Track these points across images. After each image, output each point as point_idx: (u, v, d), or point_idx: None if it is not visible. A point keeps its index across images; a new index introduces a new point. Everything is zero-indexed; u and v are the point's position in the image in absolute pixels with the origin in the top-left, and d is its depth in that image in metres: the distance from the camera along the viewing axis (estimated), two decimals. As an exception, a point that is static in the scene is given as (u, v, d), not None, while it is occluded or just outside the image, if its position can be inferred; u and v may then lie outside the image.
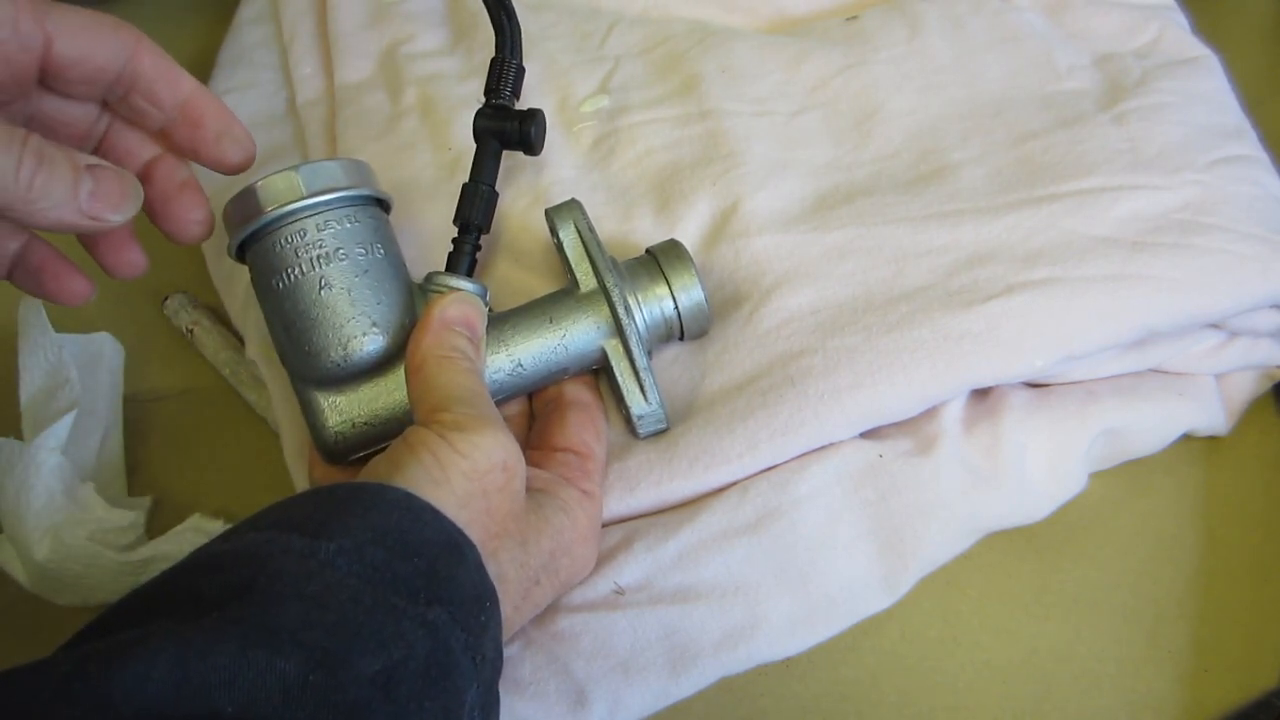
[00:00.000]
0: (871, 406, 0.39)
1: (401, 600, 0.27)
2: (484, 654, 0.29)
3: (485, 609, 0.30)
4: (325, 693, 0.24)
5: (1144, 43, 0.51)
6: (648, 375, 0.39)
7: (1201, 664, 0.39)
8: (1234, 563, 0.42)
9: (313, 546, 0.27)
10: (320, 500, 0.29)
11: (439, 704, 0.26)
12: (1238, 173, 0.44)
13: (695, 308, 0.40)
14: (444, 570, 0.29)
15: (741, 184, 0.45)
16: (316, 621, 0.25)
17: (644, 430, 0.40)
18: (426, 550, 0.29)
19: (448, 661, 0.27)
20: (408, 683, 0.26)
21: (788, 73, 0.50)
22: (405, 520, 0.29)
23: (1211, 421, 0.45)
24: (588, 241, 0.40)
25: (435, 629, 0.27)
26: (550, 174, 0.47)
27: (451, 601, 0.28)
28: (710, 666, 0.37)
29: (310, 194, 0.36)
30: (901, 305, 0.41)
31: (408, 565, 0.28)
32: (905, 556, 0.39)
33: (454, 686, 0.27)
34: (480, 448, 0.32)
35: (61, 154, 0.32)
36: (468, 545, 0.30)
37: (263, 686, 0.23)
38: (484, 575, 0.30)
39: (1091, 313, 0.40)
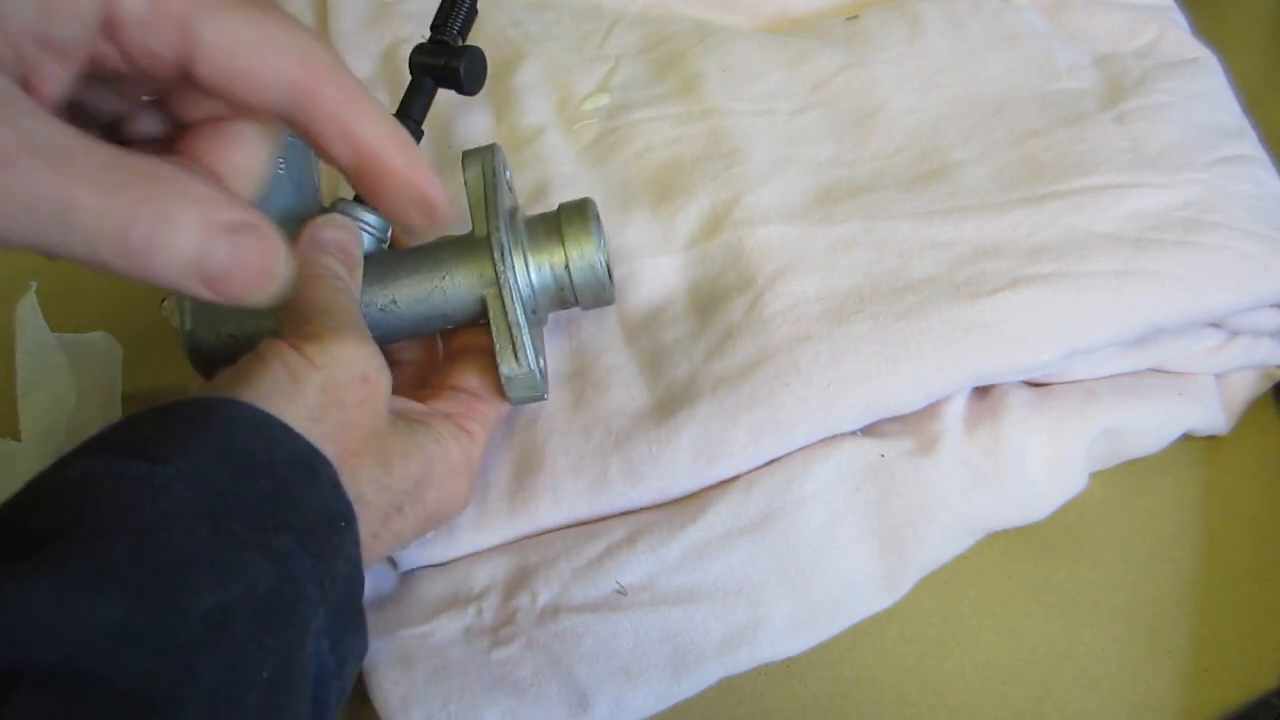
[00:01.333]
0: (877, 397, 0.39)
1: (243, 529, 0.25)
2: (334, 576, 0.27)
3: (340, 530, 0.28)
4: (151, 635, 0.23)
5: (1144, 43, 0.51)
6: (521, 333, 0.36)
7: (1201, 664, 0.39)
8: (1234, 563, 0.42)
9: (149, 471, 0.25)
10: (160, 419, 0.27)
11: (280, 637, 0.25)
12: (1238, 172, 0.44)
13: (588, 271, 0.38)
14: (294, 492, 0.27)
15: (743, 179, 0.45)
16: (146, 558, 0.24)
17: (513, 394, 0.37)
18: (276, 471, 0.27)
19: (292, 591, 0.26)
20: (245, 619, 0.24)
21: (788, 72, 0.50)
22: (253, 439, 0.27)
23: (1212, 421, 0.45)
24: (488, 185, 0.37)
25: (280, 558, 0.25)
26: (551, 169, 0.47)
27: (300, 527, 0.27)
28: (712, 667, 0.37)
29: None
30: (909, 295, 0.41)
31: (254, 488, 0.26)
32: (906, 556, 0.39)
33: (298, 617, 0.26)
34: (337, 358, 0.30)
35: (191, 214, 0.24)
36: (322, 463, 0.28)
37: (85, 633, 0.22)
38: (339, 493, 0.29)
39: (1097, 307, 0.40)
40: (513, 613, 0.37)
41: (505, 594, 0.38)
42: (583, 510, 0.39)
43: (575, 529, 0.40)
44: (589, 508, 0.39)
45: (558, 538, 0.39)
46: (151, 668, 0.22)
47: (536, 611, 0.37)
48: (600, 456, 0.40)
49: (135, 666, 0.22)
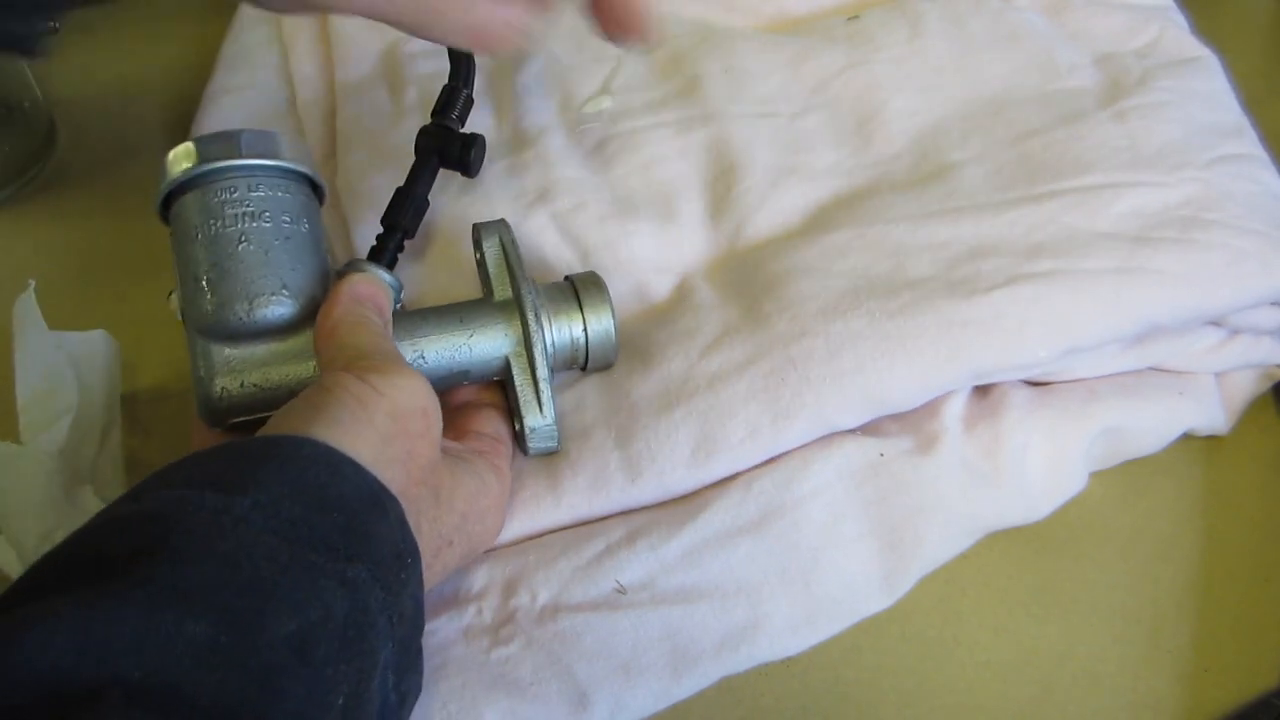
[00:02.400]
0: (874, 392, 0.39)
1: (319, 557, 0.26)
2: (401, 612, 0.28)
3: (406, 565, 0.29)
4: (237, 655, 0.23)
5: (1144, 43, 0.51)
6: (547, 389, 0.40)
7: (1201, 664, 0.39)
8: (1234, 563, 0.42)
9: (227, 503, 0.26)
10: (233, 455, 0.28)
11: (354, 665, 0.26)
12: (1238, 170, 0.45)
13: (604, 336, 0.41)
14: (363, 526, 0.28)
15: (744, 201, 0.46)
16: (229, 581, 0.24)
17: (534, 446, 0.40)
18: (346, 505, 0.28)
19: (364, 621, 0.26)
20: (324, 644, 0.25)
21: (789, 72, 0.50)
22: (324, 474, 0.28)
23: (1212, 421, 0.45)
24: (509, 255, 0.41)
25: (354, 587, 0.26)
26: (556, 173, 0.47)
27: (371, 559, 0.27)
28: (711, 667, 0.37)
29: (248, 155, 0.37)
30: (905, 293, 0.41)
31: (326, 520, 0.27)
32: (906, 556, 0.39)
33: (369, 647, 0.26)
34: (402, 388, 0.31)
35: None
36: (389, 500, 0.29)
37: (171, 650, 0.22)
38: (406, 531, 0.29)
39: (1095, 304, 0.40)
40: (512, 612, 0.37)
41: (505, 593, 0.38)
42: (583, 508, 0.39)
43: (575, 529, 0.40)
44: (589, 506, 0.39)
45: (557, 537, 0.39)
46: (239, 687, 0.23)
47: (536, 610, 0.37)
48: (600, 454, 0.40)
49: (222, 685, 0.22)
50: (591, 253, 0.45)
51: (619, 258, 0.45)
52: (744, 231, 0.46)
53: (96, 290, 0.44)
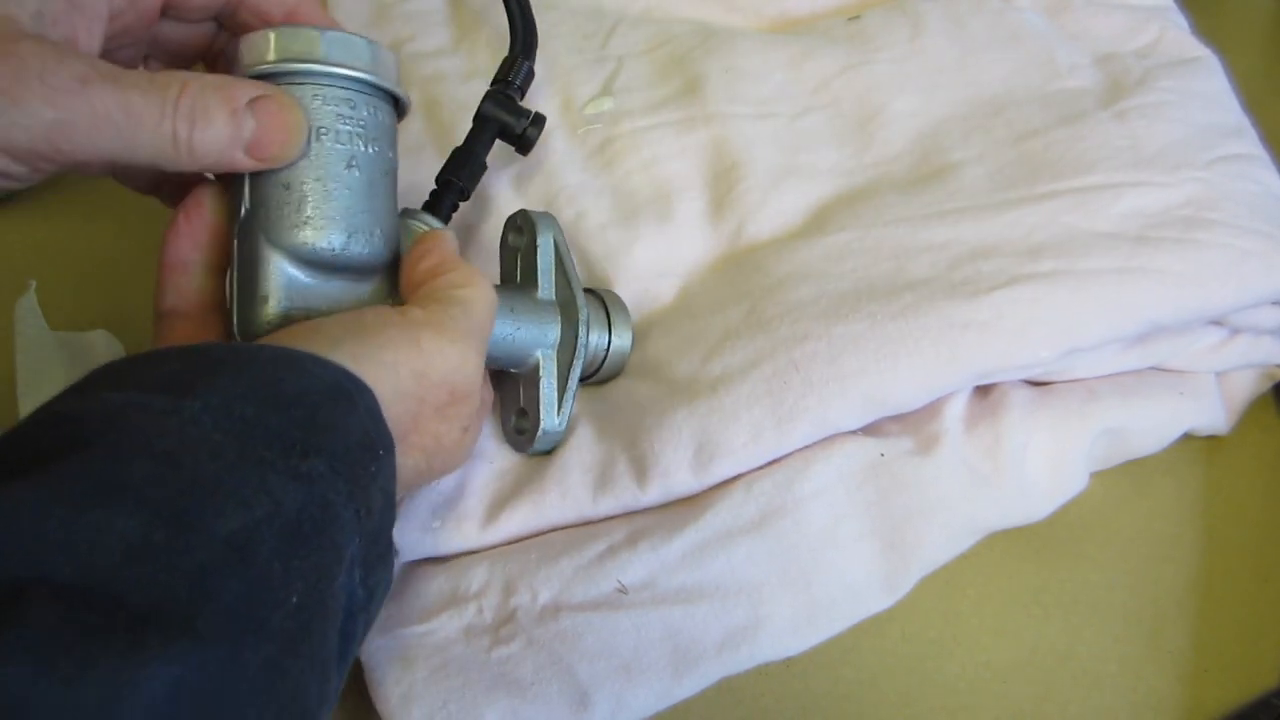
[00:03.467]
0: (876, 394, 0.39)
1: (271, 453, 0.25)
2: (369, 506, 0.27)
3: (377, 457, 0.28)
4: (168, 554, 0.22)
5: (1144, 43, 0.51)
6: (571, 396, 0.40)
7: (1201, 664, 0.39)
8: (1234, 563, 0.42)
9: (175, 405, 0.25)
10: (188, 357, 0.27)
11: (310, 562, 0.25)
12: (1238, 170, 0.45)
13: (622, 354, 0.42)
14: (325, 418, 0.26)
15: (744, 201, 0.46)
16: (167, 479, 0.23)
17: (537, 446, 0.40)
18: (306, 399, 0.26)
19: (324, 516, 0.25)
20: (270, 542, 0.24)
21: (790, 73, 0.50)
22: (282, 370, 0.27)
23: (1212, 420, 0.45)
24: (565, 260, 0.41)
25: (310, 481, 0.25)
26: (558, 178, 0.47)
27: (332, 452, 0.26)
28: (712, 667, 0.37)
29: (375, 72, 0.35)
30: (905, 295, 0.41)
31: (283, 417, 0.26)
32: (906, 556, 0.39)
33: (331, 541, 0.25)
34: (447, 357, 0.31)
35: (216, 99, 0.31)
36: (360, 391, 0.28)
37: (100, 548, 0.21)
38: (378, 422, 0.28)
39: (1096, 304, 0.40)
40: (513, 611, 0.37)
41: (506, 592, 0.37)
42: (587, 507, 0.39)
43: (576, 529, 0.40)
44: (594, 507, 0.39)
45: (559, 537, 0.39)
46: (168, 584, 0.22)
47: (537, 610, 0.37)
48: (605, 457, 0.40)
49: (151, 583, 0.22)
50: (594, 263, 0.45)
51: (620, 265, 0.45)
52: (745, 231, 0.46)
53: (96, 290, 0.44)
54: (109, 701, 0.20)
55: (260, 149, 0.32)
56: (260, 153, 0.32)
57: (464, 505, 0.39)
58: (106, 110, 0.29)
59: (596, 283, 0.45)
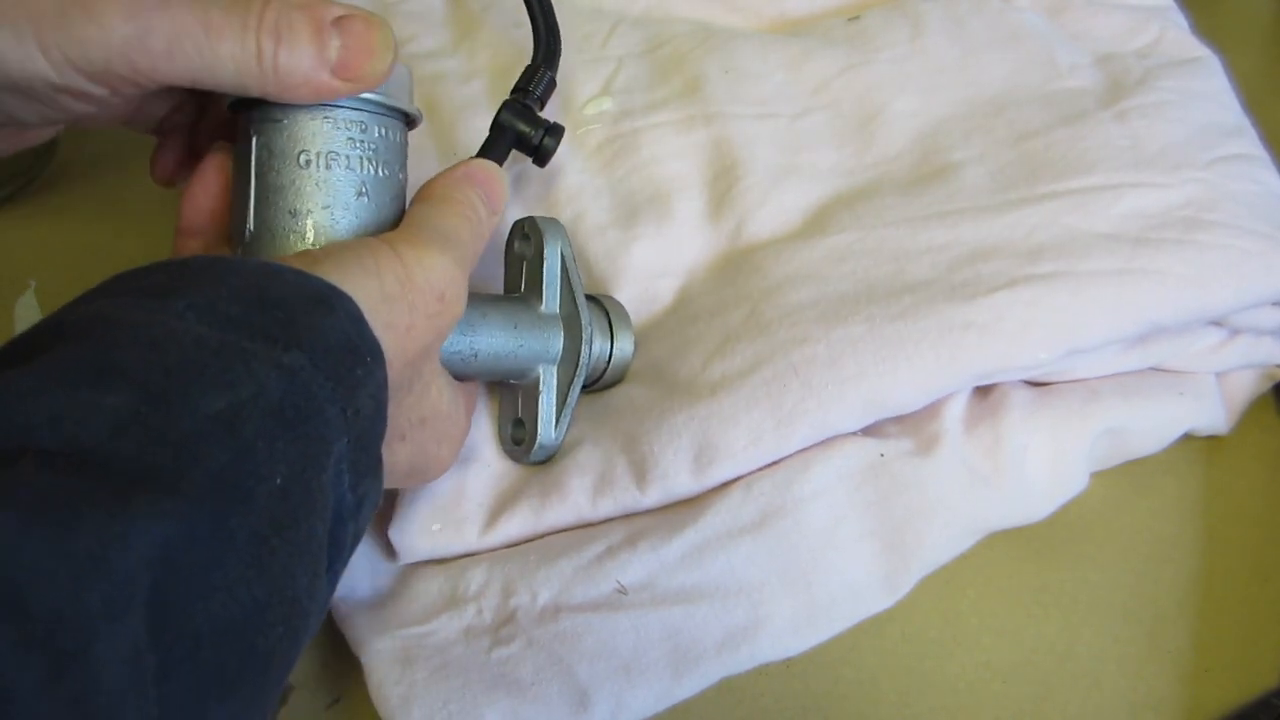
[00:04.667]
0: (876, 396, 0.39)
1: (254, 345, 0.25)
2: (357, 408, 0.27)
3: (364, 363, 0.28)
4: (157, 424, 0.23)
5: (1145, 43, 0.51)
6: (570, 411, 0.40)
7: (1201, 664, 0.39)
8: (1234, 563, 0.42)
9: (161, 304, 0.26)
10: (175, 268, 0.28)
11: (296, 449, 0.25)
12: (1239, 170, 0.45)
13: (623, 360, 0.42)
14: (306, 319, 0.27)
15: (744, 200, 0.46)
16: (154, 362, 0.24)
17: (533, 458, 0.40)
18: (286, 303, 0.27)
19: (308, 407, 0.25)
20: (255, 420, 0.24)
21: (790, 73, 0.50)
22: (266, 279, 0.27)
23: (1212, 420, 0.45)
24: (570, 269, 0.40)
25: (292, 373, 0.25)
26: (558, 178, 0.47)
27: (314, 348, 0.26)
28: (712, 667, 0.37)
29: (387, 90, 0.34)
30: (905, 297, 0.41)
31: (265, 316, 0.26)
32: (906, 556, 0.39)
33: (316, 433, 0.26)
34: (429, 266, 0.31)
35: (302, 18, 0.30)
36: (340, 298, 0.28)
37: (89, 422, 0.22)
38: (363, 329, 0.28)
39: (1096, 306, 0.40)
40: (513, 612, 0.37)
41: (505, 593, 0.38)
42: (587, 510, 0.39)
43: (576, 531, 0.40)
44: (593, 508, 0.39)
45: (558, 538, 0.39)
46: (155, 451, 0.22)
47: (537, 610, 0.37)
48: (605, 460, 0.40)
49: (140, 450, 0.22)
50: (593, 263, 0.45)
51: (619, 266, 0.45)
52: (745, 230, 0.45)
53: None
54: (99, 551, 0.20)
55: (348, 69, 0.31)
56: (348, 72, 0.32)
57: (463, 509, 0.39)
58: (186, 25, 0.29)
59: (597, 284, 0.45)
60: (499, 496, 0.40)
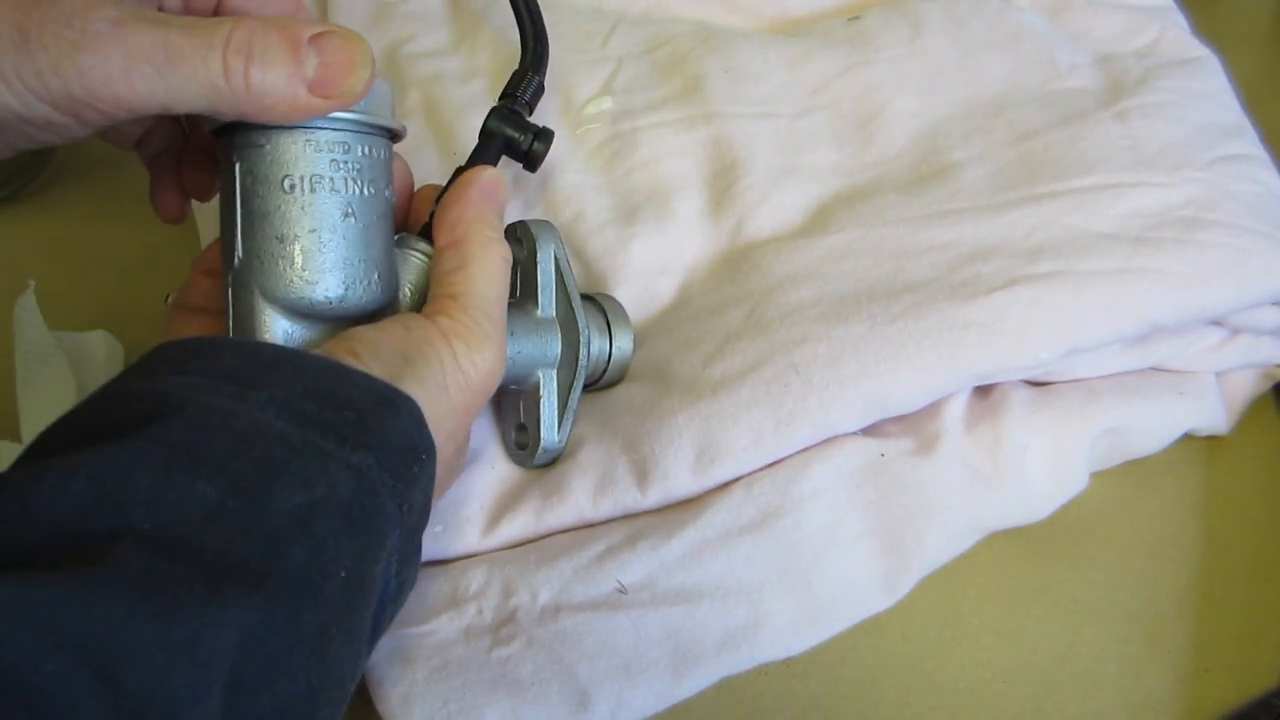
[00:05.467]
0: (876, 396, 0.39)
1: (329, 444, 0.27)
2: (411, 503, 0.29)
3: (420, 461, 0.29)
4: (244, 519, 0.24)
5: (1144, 43, 0.52)
6: (572, 414, 0.40)
7: (1201, 664, 0.39)
8: (1234, 563, 0.42)
9: (243, 393, 0.27)
10: (247, 354, 0.28)
11: (358, 544, 0.26)
12: (1238, 170, 0.45)
13: (622, 361, 0.42)
14: (375, 421, 0.28)
15: (744, 198, 0.46)
16: (241, 453, 0.25)
17: (538, 461, 0.40)
18: (356, 405, 0.28)
19: (371, 504, 0.27)
20: (328, 520, 0.26)
21: (790, 73, 0.50)
22: (335, 380, 0.28)
23: (1212, 420, 0.45)
24: (564, 272, 0.40)
25: (360, 472, 0.27)
26: (558, 178, 0.47)
27: (380, 449, 0.28)
28: (712, 667, 0.37)
29: (365, 108, 0.33)
30: (905, 296, 0.41)
31: (337, 416, 0.27)
32: (907, 556, 0.39)
33: (376, 529, 0.27)
34: (484, 371, 0.33)
35: (276, 35, 0.30)
36: (403, 400, 0.29)
37: (182, 507, 0.23)
38: (422, 429, 0.30)
39: (1096, 306, 0.40)
40: (513, 611, 0.37)
41: (505, 593, 0.37)
42: (588, 510, 0.39)
43: (576, 531, 0.40)
44: (595, 510, 0.39)
45: (559, 538, 0.39)
46: (244, 546, 0.24)
47: (537, 610, 0.37)
48: (606, 461, 0.40)
49: (229, 543, 0.24)
50: (592, 261, 0.45)
51: (618, 264, 0.45)
52: (745, 228, 0.45)
53: (96, 290, 0.44)
54: (191, 637, 0.21)
55: (326, 85, 0.30)
56: (326, 89, 0.31)
57: (466, 510, 0.39)
58: (143, 50, 0.28)
59: (595, 282, 0.45)
60: (501, 499, 0.40)
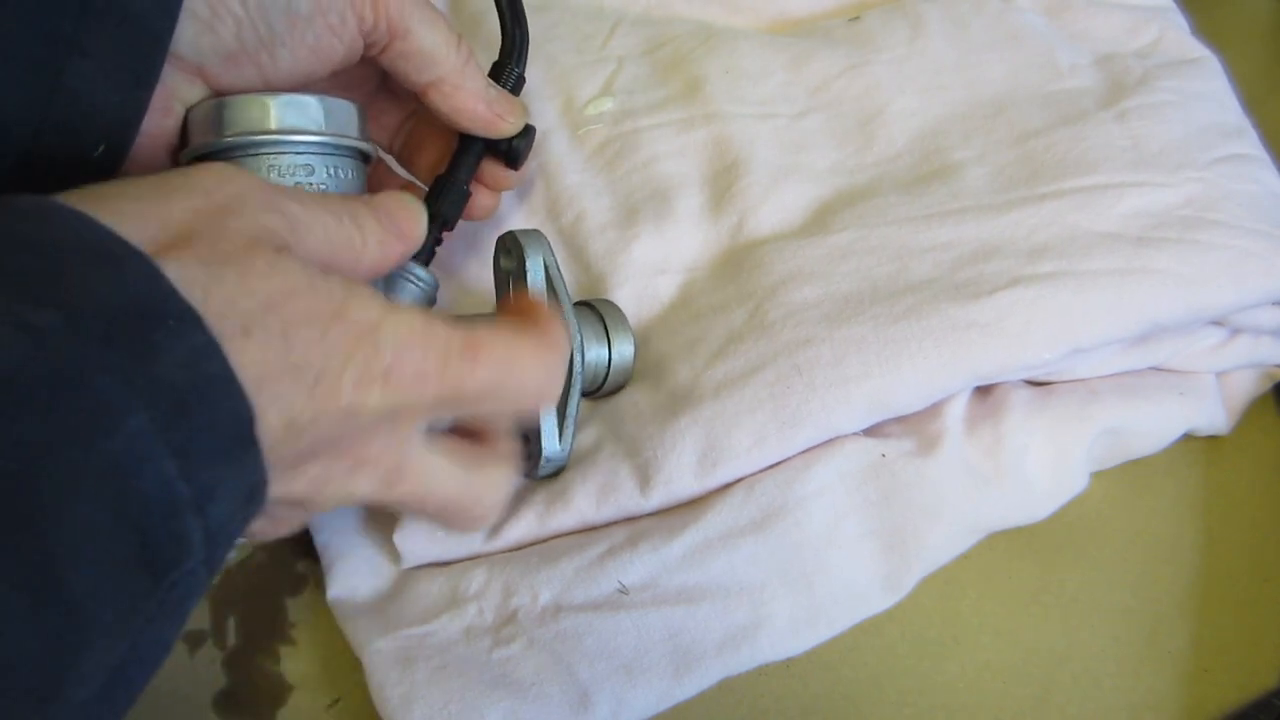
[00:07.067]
0: (879, 397, 0.39)
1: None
2: (158, 379, 0.22)
3: (165, 327, 0.23)
4: None
5: (1145, 44, 0.52)
6: (572, 423, 0.39)
7: (1201, 664, 0.39)
8: (1234, 563, 0.42)
9: None
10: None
11: (35, 428, 0.20)
12: (1239, 171, 0.45)
13: (623, 366, 0.42)
14: (75, 273, 0.22)
15: (745, 196, 0.46)
16: None
17: (542, 472, 0.40)
18: (50, 252, 0.22)
19: (59, 377, 0.21)
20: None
21: (791, 73, 0.50)
22: (33, 219, 0.23)
23: (1212, 421, 0.45)
24: (555, 279, 0.40)
25: (40, 334, 0.21)
26: (559, 179, 0.47)
27: (81, 310, 0.22)
28: (713, 667, 0.37)
29: (329, 130, 0.33)
30: (908, 297, 0.41)
31: (16, 262, 0.22)
32: (908, 556, 0.39)
33: (75, 411, 0.21)
34: (221, 176, 0.27)
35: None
36: (130, 254, 0.23)
37: None
38: (160, 285, 0.23)
39: (1098, 305, 0.40)
40: (514, 612, 0.37)
41: (506, 593, 0.38)
42: (591, 514, 0.39)
43: (578, 532, 0.40)
44: (597, 513, 0.39)
45: (560, 539, 0.39)
46: None
47: (538, 610, 0.37)
48: (609, 463, 0.40)
49: None
50: (593, 261, 0.45)
51: (618, 263, 0.45)
52: (746, 226, 0.45)
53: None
54: None
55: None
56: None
57: None
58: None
59: (596, 282, 0.45)
60: (505, 503, 0.40)
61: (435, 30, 0.37)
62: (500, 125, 0.39)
